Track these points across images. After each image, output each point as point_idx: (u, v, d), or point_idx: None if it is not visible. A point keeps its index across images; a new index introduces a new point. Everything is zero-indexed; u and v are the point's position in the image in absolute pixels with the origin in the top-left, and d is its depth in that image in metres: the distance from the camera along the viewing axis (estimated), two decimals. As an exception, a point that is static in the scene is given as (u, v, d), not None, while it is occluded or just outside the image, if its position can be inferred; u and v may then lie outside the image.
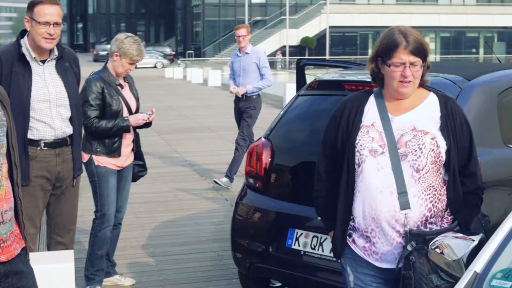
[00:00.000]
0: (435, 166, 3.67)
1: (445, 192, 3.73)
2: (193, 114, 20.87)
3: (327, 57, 63.54)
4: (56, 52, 5.43)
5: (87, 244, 7.75)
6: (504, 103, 5.39)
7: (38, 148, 5.39)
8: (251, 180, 5.61)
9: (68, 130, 5.50)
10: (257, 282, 5.89)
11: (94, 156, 6.29)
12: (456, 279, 3.40)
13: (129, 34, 6.61)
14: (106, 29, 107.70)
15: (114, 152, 6.28)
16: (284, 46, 67.15)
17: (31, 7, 5.28)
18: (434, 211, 3.66)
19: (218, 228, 8.31)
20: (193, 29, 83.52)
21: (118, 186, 6.56)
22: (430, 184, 3.67)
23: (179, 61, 57.80)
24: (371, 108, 3.82)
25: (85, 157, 6.26)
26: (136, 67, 6.55)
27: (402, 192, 3.63)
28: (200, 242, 7.85)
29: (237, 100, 10.92)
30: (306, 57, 58.52)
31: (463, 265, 3.00)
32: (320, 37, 69.93)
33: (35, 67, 5.35)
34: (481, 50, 75.25)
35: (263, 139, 5.64)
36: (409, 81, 3.66)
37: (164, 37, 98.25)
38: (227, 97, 27.79)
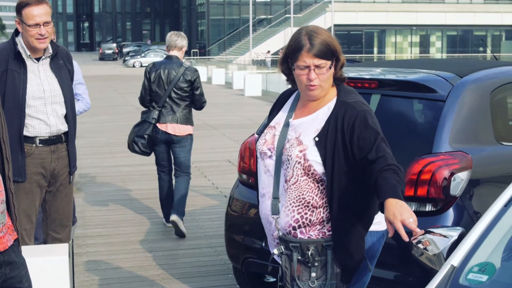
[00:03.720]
0: (307, 178, 3.56)
1: (326, 204, 3.58)
2: (196, 112, 20.83)
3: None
4: (50, 50, 5.48)
5: (87, 239, 7.85)
6: (497, 101, 5.41)
7: (34, 145, 5.44)
8: (244, 176, 5.66)
9: (63, 127, 5.54)
10: (251, 277, 5.94)
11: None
12: None
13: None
14: (112, 28, 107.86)
15: None
16: (289, 45, 67.02)
17: (19, 10, 5.31)
18: (303, 222, 3.58)
19: (216, 224, 8.37)
20: (198, 27, 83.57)
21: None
22: (300, 195, 3.58)
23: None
24: (284, 107, 3.81)
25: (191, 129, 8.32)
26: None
27: (275, 198, 3.64)
28: (197, 238, 7.91)
29: None
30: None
31: (443, 259, 3.04)
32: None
33: (30, 64, 5.40)
34: (488, 49, 74.96)
35: (256, 135, 5.69)
36: (316, 85, 3.53)
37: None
38: (231, 95, 27.92)
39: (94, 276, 6.74)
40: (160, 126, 8.26)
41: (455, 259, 2.87)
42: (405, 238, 3.09)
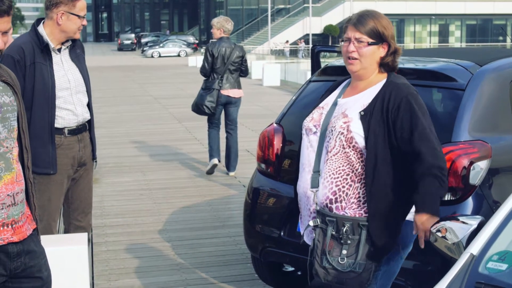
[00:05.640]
0: (349, 150, 3.65)
1: (363, 180, 3.65)
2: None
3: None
4: (69, 41, 5.52)
5: (107, 229, 7.89)
6: (516, 89, 5.38)
7: (63, 136, 5.48)
8: (263, 165, 5.66)
9: (87, 115, 5.61)
10: (269, 266, 5.95)
11: None
12: (333, 268, 3.62)
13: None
14: (130, 19, 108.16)
15: None
16: (307, 35, 66.97)
17: (67, 2, 5.39)
18: (339, 194, 3.65)
19: (235, 213, 8.38)
20: (216, 17, 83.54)
21: None
22: (340, 167, 3.66)
23: (202, 50, 57.79)
24: (335, 92, 3.95)
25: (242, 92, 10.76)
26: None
27: (315, 171, 3.72)
28: (216, 227, 7.93)
29: None
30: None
31: (462, 247, 3.03)
32: (344, 25, 69.64)
33: (53, 56, 5.44)
34: (508, 38, 74.53)
35: (274, 124, 5.69)
36: (354, 58, 3.71)
37: (187, 26, 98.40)
38: (249, 85, 27.89)
39: (113, 265, 6.77)
40: (222, 91, 10.49)
41: (475, 247, 2.86)
42: (422, 246, 3.56)
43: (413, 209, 3.73)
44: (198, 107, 10.56)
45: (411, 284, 4.65)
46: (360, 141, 3.64)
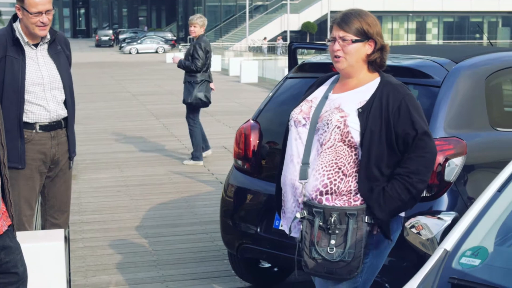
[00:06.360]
0: (343, 144, 3.70)
1: (356, 174, 3.72)
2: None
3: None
4: (48, 36, 5.48)
5: (83, 225, 7.87)
6: (492, 86, 5.41)
7: (34, 131, 5.44)
8: (239, 162, 5.67)
9: (63, 112, 5.56)
10: (246, 262, 5.96)
11: None
12: (323, 259, 3.65)
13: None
14: (108, 15, 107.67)
15: None
16: (285, 31, 66.99)
17: None
18: (331, 187, 3.69)
19: (212, 210, 8.37)
20: (194, 14, 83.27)
21: None
22: (333, 160, 3.70)
23: (180, 46, 57.67)
24: (323, 86, 3.99)
25: None
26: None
27: (304, 163, 3.75)
28: (193, 224, 7.93)
29: None
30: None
31: (436, 243, 3.05)
32: (322, 22, 69.75)
33: (28, 51, 5.41)
34: (484, 36, 74.83)
35: (251, 121, 5.70)
36: (340, 56, 3.77)
37: (165, 22, 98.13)
38: (227, 82, 27.86)
39: (90, 261, 6.76)
40: (210, 84, 11.36)
41: (448, 243, 2.88)
42: None
43: None
44: (202, 100, 11.17)
45: (387, 280, 4.68)
46: (356, 136, 3.69)
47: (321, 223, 3.68)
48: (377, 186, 3.69)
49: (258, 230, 5.36)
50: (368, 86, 3.81)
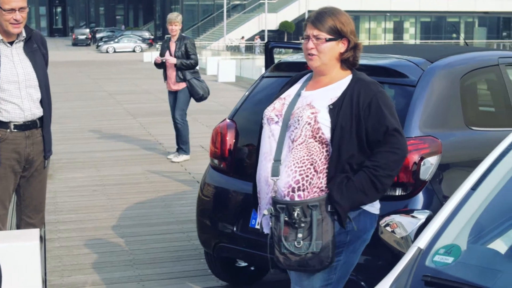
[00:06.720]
0: (314, 141, 3.72)
1: (326, 171, 3.75)
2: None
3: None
4: (24, 34, 5.46)
5: (59, 225, 7.84)
6: (467, 86, 5.45)
7: (8, 130, 5.41)
8: (216, 161, 5.67)
9: (38, 112, 5.52)
10: (223, 261, 5.96)
11: None
12: (291, 253, 3.71)
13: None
14: (85, 13, 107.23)
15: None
16: (263, 31, 67.05)
17: None
18: (303, 183, 3.72)
19: (188, 209, 8.36)
20: (172, 13, 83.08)
21: None
22: (305, 157, 3.73)
23: (157, 45, 57.53)
24: (296, 84, 4.03)
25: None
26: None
27: (276, 160, 3.78)
28: (169, 223, 7.92)
29: None
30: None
31: (410, 241, 3.07)
32: (299, 21, 69.77)
33: (3, 49, 5.37)
34: (461, 36, 75.24)
35: (227, 120, 5.70)
36: (313, 54, 3.81)
37: (143, 21, 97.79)
38: (204, 81, 27.75)
39: (66, 261, 6.73)
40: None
41: (422, 241, 2.90)
42: None
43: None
44: (208, 89, 11.83)
45: (362, 278, 4.70)
46: (326, 132, 3.72)
47: (286, 218, 3.72)
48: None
49: (235, 229, 5.36)
50: (340, 83, 3.84)
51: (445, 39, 75.14)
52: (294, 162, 3.74)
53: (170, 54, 11.40)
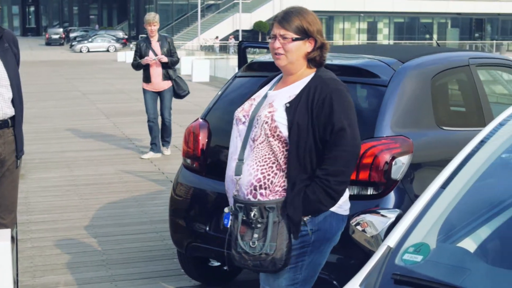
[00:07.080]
0: (274, 139, 3.74)
1: (287, 168, 3.76)
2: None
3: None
4: (-6, 34, 5.43)
5: (32, 225, 7.80)
6: (438, 86, 5.49)
7: None
8: (188, 161, 5.67)
9: (9, 111, 5.49)
10: (195, 261, 5.96)
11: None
12: (245, 252, 3.74)
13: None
14: (59, 13, 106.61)
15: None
16: (237, 31, 67.01)
17: None
18: (264, 182, 3.74)
19: (161, 209, 8.35)
20: (146, 12, 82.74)
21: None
22: (265, 155, 3.75)
23: (131, 45, 57.34)
24: (268, 85, 4.05)
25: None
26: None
27: (240, 159, 3.81)
28: (143, 223, 7.90)
29: None
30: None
31: (380, 240, 3.09)
32: (270, 22, 69.70)
33: (-25, 48, 5.35)
34: (434, 37, 75.64)
35: (200, 120, 5.70)
36: (280, 54, 3.82)
37: (117, 20, 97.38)
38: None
39: (38, 262, 6.70)
40: None
41: (392, 240, 2.92)
42: None
43: (340, 201, 3.83)
44: (188, 91, 12.06)
45: (335, 277, 4.71)
46: (284, 131, 3.73)
47: (244, 217, 3.75)
48: (301, 182, 3.71)
49: (207, 228, 5.36)
50: (302, 81, 3.86)
51: (418, 39, 75.51)
52: (256, 161, 3.76)
53: (155, 54, 11.45)
